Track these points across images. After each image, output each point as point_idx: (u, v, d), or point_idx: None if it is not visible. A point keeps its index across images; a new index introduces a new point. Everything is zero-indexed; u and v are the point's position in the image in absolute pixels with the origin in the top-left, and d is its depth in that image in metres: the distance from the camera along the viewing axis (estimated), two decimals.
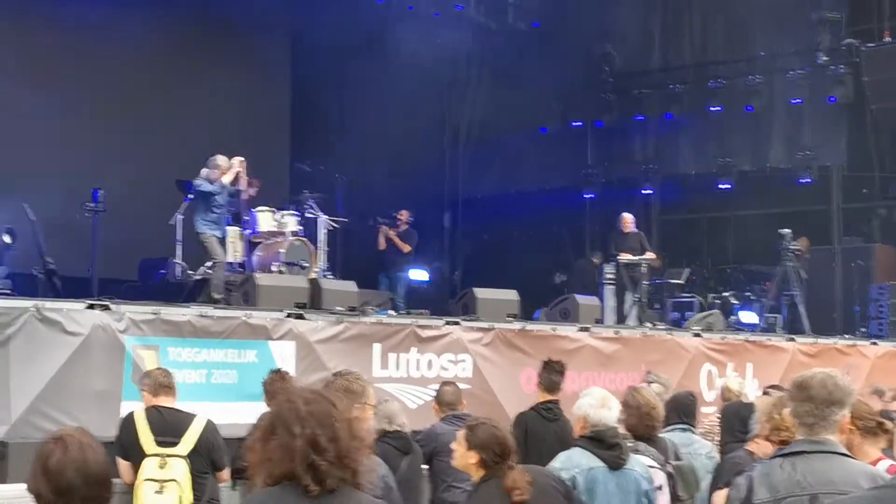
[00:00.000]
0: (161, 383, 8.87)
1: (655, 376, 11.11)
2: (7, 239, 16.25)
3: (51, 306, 11.03)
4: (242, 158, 16.27)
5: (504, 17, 25.10)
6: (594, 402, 7.31)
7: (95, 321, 11.19)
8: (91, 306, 11.33)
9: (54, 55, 20.89)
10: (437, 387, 10.76)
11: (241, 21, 23.31)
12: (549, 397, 10.24)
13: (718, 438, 11.13)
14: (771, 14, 23.30)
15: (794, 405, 5.21)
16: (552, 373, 10.34)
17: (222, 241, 16.09)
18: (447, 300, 21.03)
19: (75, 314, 11.10)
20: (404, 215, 21.00)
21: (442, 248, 27.04)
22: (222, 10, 22.78)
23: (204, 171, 16.01)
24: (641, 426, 8.13)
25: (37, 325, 10.80)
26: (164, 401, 8.82)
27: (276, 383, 9.39)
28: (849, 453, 5.25)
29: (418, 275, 23.69)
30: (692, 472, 8.75)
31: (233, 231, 17.12)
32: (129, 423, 8.90)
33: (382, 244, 20.45)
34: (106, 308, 11.37)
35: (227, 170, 16.05)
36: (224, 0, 22.70)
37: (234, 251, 17.22)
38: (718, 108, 24.32)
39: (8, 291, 14.72)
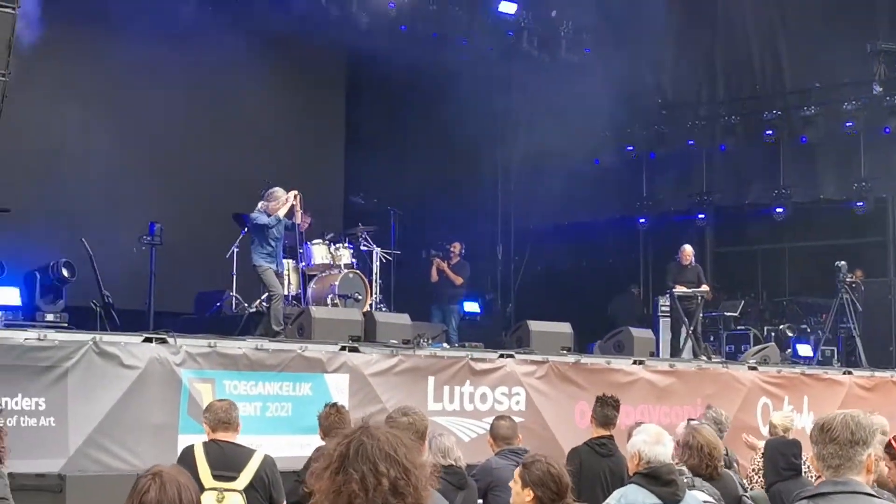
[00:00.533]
0: (220, 419, 8.89)
1: (714, 412, 11.00)
2: (65, 273, 16.40)
3: (108, 339, 11.15)
4: (297, 192, 16.34)
5: (557, 49, 25.10)
6: (648, 438, 7.29)
7: (152, 354, 11.30)
8: (148, 339, 11.43)
9: (112, 91, 21.07)
10: (490, 420, 10.73)
11: (296, 58, 23.51)
12: (603, 432, 10.18)
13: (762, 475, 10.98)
14: (826, 45, 23.15)
15: (818, 448, 5.19)
16: (606, 407, 10.28)
17: (279, 273, 16.12)
18: (500, 333, 21.00)
19: (132, 347, 11.21)
20: (457, 247, 21.03)
21: (495, 280, 27.01)
22: (278, 48, 22.99)
23: (261, 204, 16.08)
24: (702, 466, 8.10)
25: (94, 359, 10.91)
26: (224, 435, 8.84)
27: (331, 417, 9.41)
28: (873, 492, 5.22)
29: (471, 307, 23.70)
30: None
31: (287, 264, 17.19)
32: (187, 455, 8.94)
33: (435, 276, 20.48)
34: (163, 341, 11.47)
35: (284, 203, 16.13)
36: (279, 39, 22.91)
37: (289, 284, 17.29)
38: (773, 139, 24.19)
39: (66, 325, 14.90)
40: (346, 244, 18.13)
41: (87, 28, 20.45)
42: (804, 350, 21.05)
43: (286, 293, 16.88)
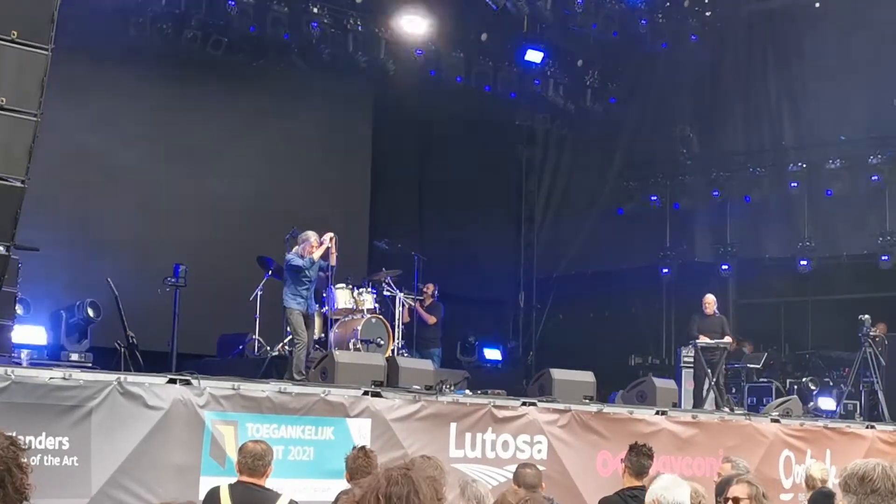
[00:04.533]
0: (248, 464, 8.89)
1: (737, 463, 10.95)
2: (91, 313, 16.49)
3: (133, 380, 11.17)
4: (333, 234, 16.35)
5: (582, 99, 25.21)
6: (665, 483, 7.27)
7: (176, 395, 11.31)
8: (172, 381, 11.45)
9: (138, 132, 21.20)
10: (512, 468, 10.70)
11: (323, 103, 23.64)
12: (636, 482, 9.91)
13: None
14: (851, 99, 23.20)
15: (857, 498, 5.16)
16: (642, 457, 10.08)
17: (307, 317, 16.10)
18: (521, 381, 20.96)
19: (157, 388, 11.23)
20: (430, 288, 20.88)
21: (517, 327, 27.01)
22: (305, 93, 23.17)
23: (297, 248, 16.11)
24: None
25: (119, 399, 10.93)
26: (251, 478, 8.84)
27: (359, 460, 9.38)
28: None
29: (493, 354, 23.69)
30: None
31: None
32: (213, 497, 8.94)
33: (407, 317, 20.00)
34: (187, 383, 11.49)
35: (318, 245, 16.14)
36: (307, 84, 23.13)
37: (313, 328, 17.30)
38: (797, 192, 24.19)
39: (90, 365, 14.96)
40: (370, 289, 18.15)
41: (112, 66, 20.63)
42: (827, 403, 20.94)
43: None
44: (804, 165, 24.20)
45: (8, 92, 10.01)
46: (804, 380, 22.49)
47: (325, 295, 17.37)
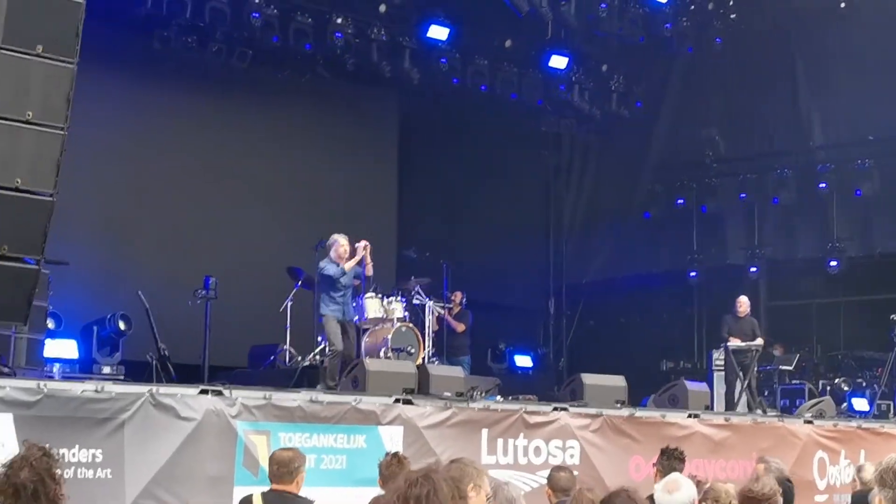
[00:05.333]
0: (274, 472, 8.91)
1: (774, 463, 10.88)
2: (122, 325, 16.56)
3: (165, 392, 11.20)
4: (367, 243, 16.32)
5: (608, 104, 25.16)
6: (661, 486, 7.26)
7: (208, 406, 11.34)
8: (204, 391, 11.48)
9: (166, 145, 21.30)
10: (545, 473, 10.68)
11: (348, 112, 23.69)
12: None
13: None
14: (879, 97, 23.09)
15: (894, 493, 5.13)
16: (673, 460, 10.10)
17: (345, 324, 16.09)
18: (553, 387, 20.91)
19: (189, 399, 11.26)
20: (458, 296, 20.83)
21: (547, 334, 26.97)
22: (331, 103, 23.23)
23: (332, 254, 16.07)
24: None
25: (151, 411, 10.96)
26: (283, 485, 8.85)
27: (392, 466, 9.39)
28: None
29: (524, 361, 23.65)
30: None
31: None
32: None
33: (436, 325, 19.95)
34: (218, 393, 11.52)
35: (349, 247, 16.07)
36: (332, 93, 23.19)
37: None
38: (826, 193, 24.10)
39: (122, 377, 15.01)
40: (399, 297, 18.14)
41: (139, 79, 20.69)
42: (860, 404, 20.85)
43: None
44: (832, 166, 24.11)
45: (35, 106, 10.09)
46: (837, 381, 22.43)
47: (354, 305, 17.35)
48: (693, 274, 25.48)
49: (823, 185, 24.06)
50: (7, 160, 10.00)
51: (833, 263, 23.93)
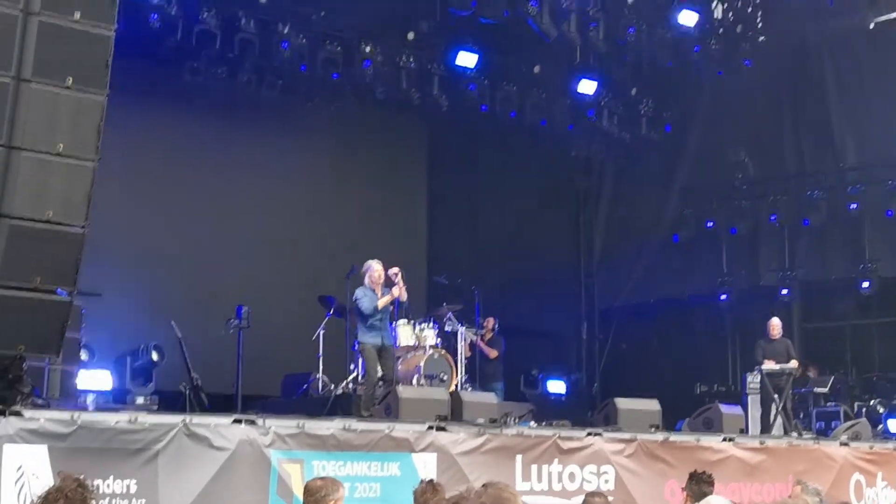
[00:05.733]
0: (307, 502, 8.88)
1: (812, 487, 10.83)
2: (155, 356, 16.59)
3: (198, 421, 11.22)
4: (398, 269, 16.26)
5: (637, 128, 25.13)
6: None
7: (242, 436, 11.35)
8: (237, 421, 11.49)
9: (198, 176, 21.41)
10: (579, 499, 10.63)
11: (377, 140, 23.74)
12: None
13: None
14: None
15: None
16: (702, 484, 10.13)
17: (384, 349, 16.02)
18: (586, 412, 20.84)
19: (222, 429, 11.27)
20: (490, 322, 20.78)
21: (580, 358, 26.89)
22: (360, 131, 23.28)
23: (367, 280, 16.03)
24: None
25: (185, 441, 10.98)
26: None
27: (427, 494, 9.34)
28: None
29: (557, 387, 23.58)
30: None
31: None
32: None
33: (468, 352, 19.87)
34: (252, 422, 11.53)
35: (382, 272, 16.02)
36: (361, 122, 23.23)
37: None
38: (857, 213, 23.98)
39: (156, 408, 15.05)
40: (431, 324, 18.13)
41: (169, 111, 20.81)
42: None
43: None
44: (863, 187, 24.00)
45: (65, 138, 10.15)
46: (872, 402, 22.28)
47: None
48: (724, 296, 25.39)
49: (854, 205, 23.92)
50: (38, 193, 10.06)
51: (865, 285, 23.79)
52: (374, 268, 16.04)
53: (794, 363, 19.72)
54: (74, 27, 10.21)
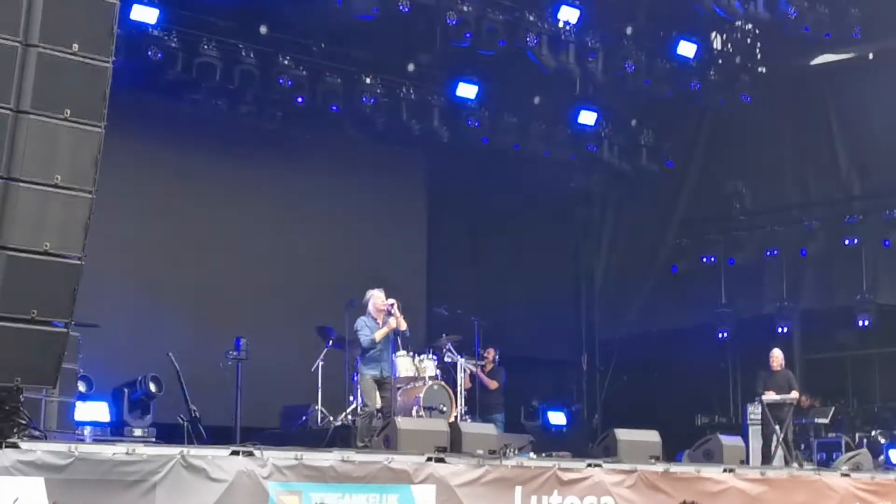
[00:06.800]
0: None
1: None
2: (153, 388, 16.55)
3: (196, 453, 11.19)
4: (394, 300, 16.25)
5: (637, 159, 25.15)
6: None
7: (239, 467, 11.32)
8: (235, 452, 11.46)
9: (195, 207, 21.40)
10: None
11: (377, 171, 23.72)
12: None
13: None
14: None
15: None
16: None
17: (383, 381, 15.97)
18: (586, 443, 20.77)
19: (220, 461, 11.24)
20: (490, 353, 20.73)
21: (580, 390, 26.83)
22: (360, 162, 23.29)
23: (370, 308, 16.00)
24: None
25: (182, 473, 10.95)
26: None
27: None
28: None
29: (557, 418, 23.52)
30: None
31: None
32: None
33: (468, 383, 19.82)
34: (250, 454, 11.49)
35: (384, 304, 16.01)
36: (361, 153, 23.24)
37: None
38: (855, 244, 23.95)
39: (153, 439, 15.00)
40: (431, 355, 18.09)
41: (167, 143, 20.82)
42: None
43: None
44: (861, 217, 23.99)
45: (63, 170, 10.15)
46: (873, 433, 22.23)
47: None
48: (724, 328, 25.36)
49: (853, 239, 23.90)
50: (36, 224, 10.05)
51: (863, 318, 23.73)
52: (377, 296, 16.07)
53: (794, 394, 19.68)
54: (73, 59, 10.22)
